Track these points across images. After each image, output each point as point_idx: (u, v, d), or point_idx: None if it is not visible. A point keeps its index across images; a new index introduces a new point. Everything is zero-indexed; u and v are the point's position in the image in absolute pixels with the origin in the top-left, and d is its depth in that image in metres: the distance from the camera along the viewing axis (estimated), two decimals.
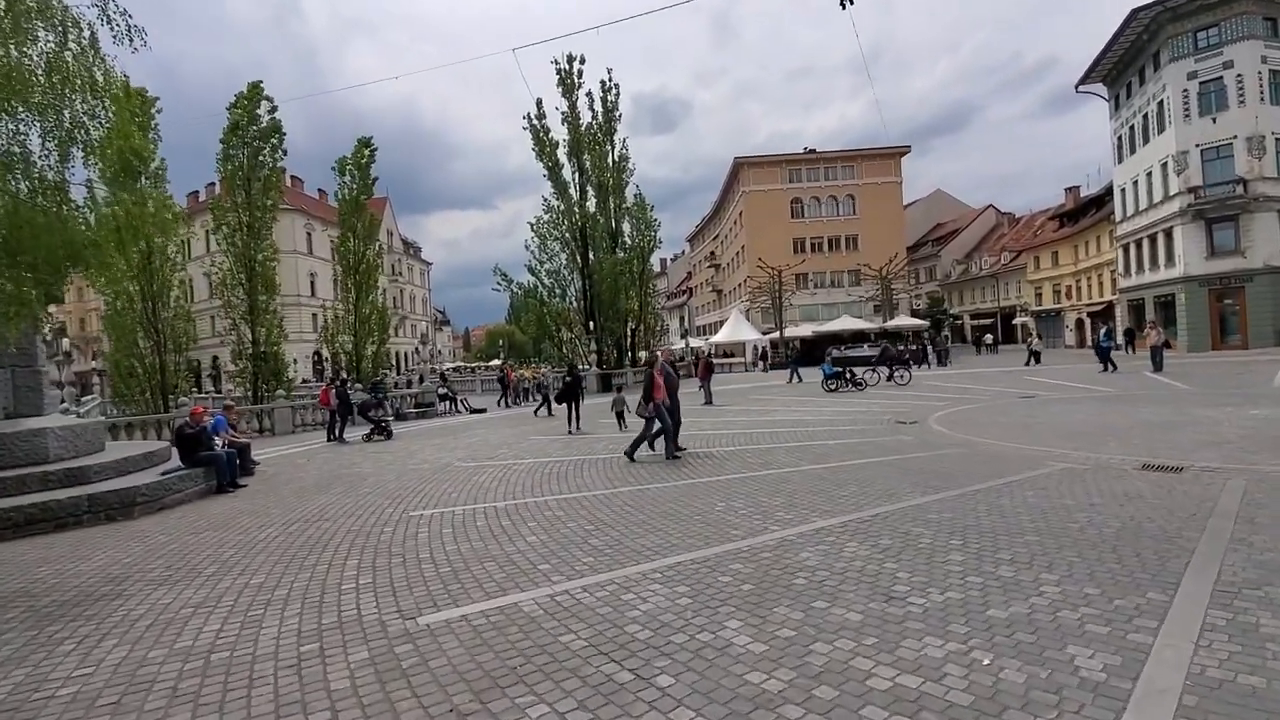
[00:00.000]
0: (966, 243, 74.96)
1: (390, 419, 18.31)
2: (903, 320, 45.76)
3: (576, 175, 35.85)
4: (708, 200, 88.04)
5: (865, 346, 41.07)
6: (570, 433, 15.21)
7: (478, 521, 7.03)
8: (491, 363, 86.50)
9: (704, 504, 7.14)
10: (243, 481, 10.75)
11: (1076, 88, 44.21)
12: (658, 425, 10.49)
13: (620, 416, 15.36)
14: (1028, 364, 29.86)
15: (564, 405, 16.44)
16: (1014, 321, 60.97)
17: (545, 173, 35.01)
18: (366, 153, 25.00)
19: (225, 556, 6.30)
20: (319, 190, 72.23)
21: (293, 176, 66.56)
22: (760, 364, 45.38)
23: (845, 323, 43.85)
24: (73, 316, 76.79)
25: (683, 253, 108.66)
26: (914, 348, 37.76)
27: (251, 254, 21.95)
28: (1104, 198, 48.21)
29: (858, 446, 10.47)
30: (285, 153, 22.89)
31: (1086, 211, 50.63)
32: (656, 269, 62.37)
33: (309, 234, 61.96)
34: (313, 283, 61.10)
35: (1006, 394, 17.73)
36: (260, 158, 22.57)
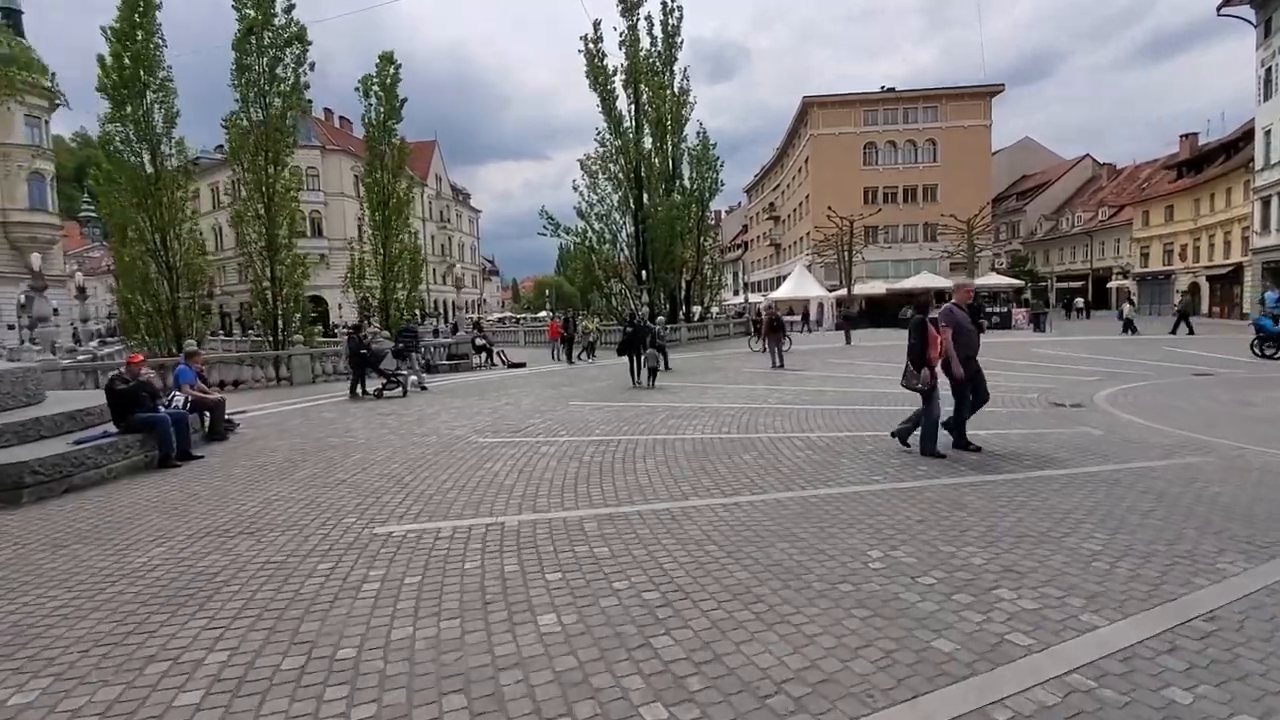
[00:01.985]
0: (1056, 197, 68.06)
1: (414, 372, 15.89)
2: (991, 279, 41.05)
3: (632, 108, 32.30)
4: (765, 153, 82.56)
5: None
6: (632, 387, 14.15)
7: (467, 560, 4.30)
8: (540, 314, 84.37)
9: (842, 551, 4.23)
10: (200, 452, 8.37)
11: (1219, 10, 37.68)
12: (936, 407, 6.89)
13: (653, 373, 14.46)
14: (1125, 333, 25.76)
15: (625, 358, 15.27)
16: (1109, 285, 54.92)
17: (598, 104, 31.57)
18: (391, 70, 21.94)
19: (34, 616, 3.74)
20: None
21: (341, 117, 64.38)
22: (817, 324, 41.53)
23: (924, 280, 39.51)
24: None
25: (739, 205, 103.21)
26: (992, 311, 33.44)
27: (269, 180, 19.55)
28: (1238, 143, 41.75)
29: (1030, 445, 7.31)
30: (312, 66, 20.17)
31: (1214, 159, 44.08)
32: (711, 220, 57.92)
33: (357, 176, 60.07)
34: (360, 227, 59.56)
35: (1171, 368, 14.05)
36: (279, 71, 19.94)
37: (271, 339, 20.20)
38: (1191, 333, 24.14)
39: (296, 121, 20.40)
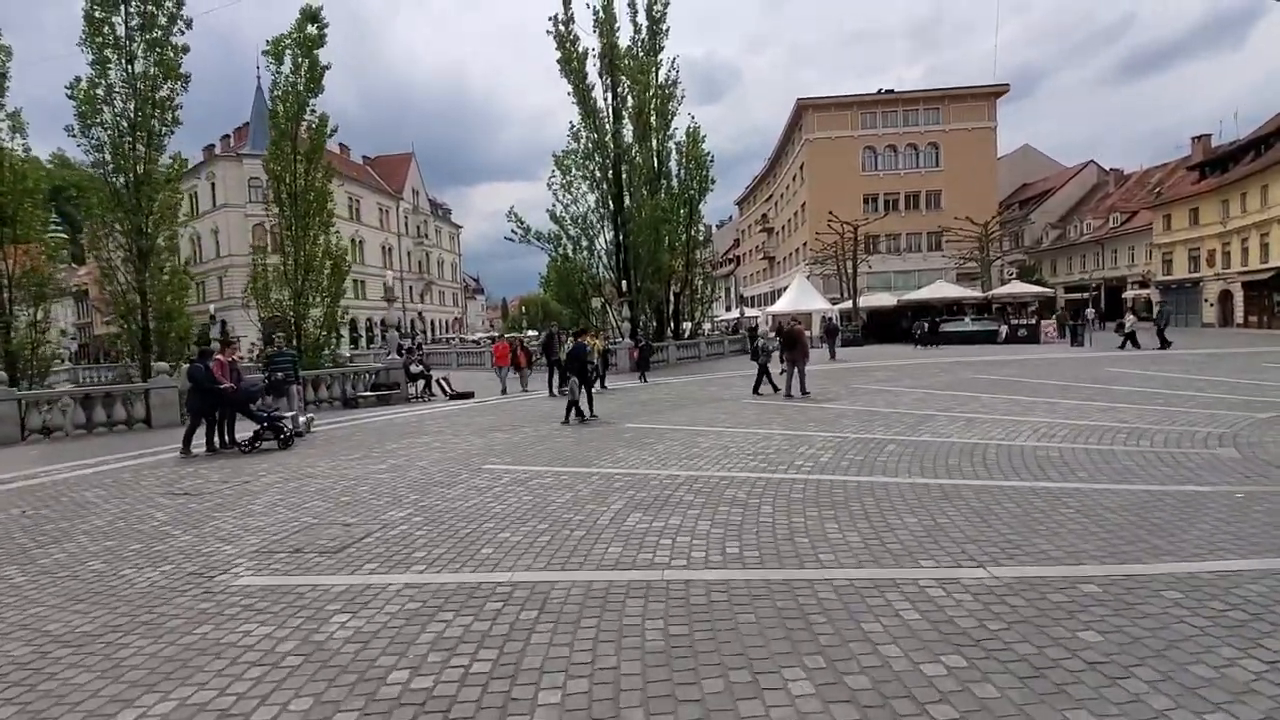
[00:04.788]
0: (1061, 204, 64.92)
1: (290, 413, 11.51)
2: (1017, 287, 37.14)
3: (609, 96, 28.30)
4: (758, 169, 78.73)
5: (968, 319, 32.93)
6: (565, 422, 11.12)
7: None
8: (530, 332, 79.71)
9: None
10: None
11: None
12: None
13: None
14: (1123, 347, 22.65)
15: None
16: (1124, 295, 51.25)
17: (570, 92, 27.53)
18: (313, 29, 17.48)
19: None
20: (364, 157, 67.39)
21: (340, 143, 60.01)
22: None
23: (939, 290, 35.56)
24: (93, 278, 73.09)
25: (729, 218, 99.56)
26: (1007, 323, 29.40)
27: (137, 162, 15.22)
28: (1269, 138, 38.40)
29: None
30: (190, 24, 15.93)
31: (1241, 157, 40.67)
32: (702, 232, 52.80)
33: (353, 201, 55.65)
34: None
35: None
36: (156, 33, 15.69)
37: (142, 369, 15.75)
38: (1167, 345, 21.83)
39: (177, 88, 16.04)
